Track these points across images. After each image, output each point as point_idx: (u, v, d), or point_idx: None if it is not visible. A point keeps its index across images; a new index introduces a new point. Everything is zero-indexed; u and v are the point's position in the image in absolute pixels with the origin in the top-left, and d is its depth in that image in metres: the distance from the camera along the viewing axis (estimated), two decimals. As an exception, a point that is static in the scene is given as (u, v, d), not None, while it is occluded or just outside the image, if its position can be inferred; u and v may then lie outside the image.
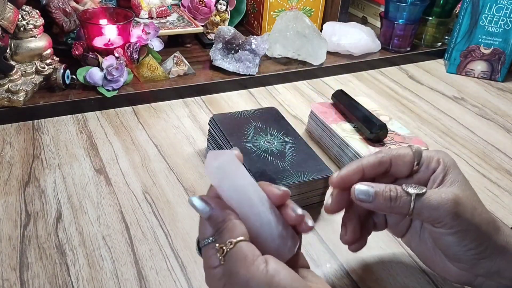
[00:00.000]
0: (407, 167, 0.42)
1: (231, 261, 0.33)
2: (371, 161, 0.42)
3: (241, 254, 0.33)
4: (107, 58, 0.74)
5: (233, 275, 0.33)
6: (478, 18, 0.92)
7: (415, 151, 0.43)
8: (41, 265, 0.46)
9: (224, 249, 0.34)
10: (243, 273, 0.32)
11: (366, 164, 0.42)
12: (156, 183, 0.59)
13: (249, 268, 0.32)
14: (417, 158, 0.42)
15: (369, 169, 0.42)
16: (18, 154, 0.62)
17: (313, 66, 0.90)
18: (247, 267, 0.32)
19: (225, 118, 0.61)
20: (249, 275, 0.32)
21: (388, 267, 0.49)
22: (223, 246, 0.34)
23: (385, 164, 0.43)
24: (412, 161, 0.42)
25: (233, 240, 0.34)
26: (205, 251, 0.36)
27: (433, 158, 0.42)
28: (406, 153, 0.43)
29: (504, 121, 0.81)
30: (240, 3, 1.02)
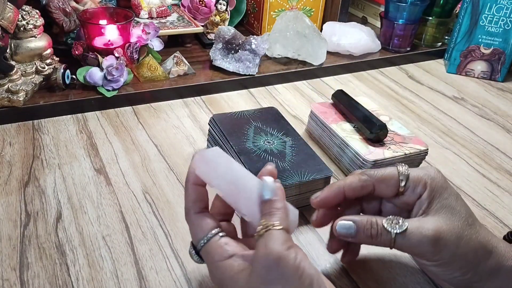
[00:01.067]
0: (392, 190, 0.42)
1: (269, 238, 0.35)
2: (353, 185, 0.43)
3: (281, 236, 0.35)
4: (107, 58, 0.74)
5: (267, 250, 0.34)
6: (478, 18, 0.92)
7: (401, 173, 0.42)
8: (41, 265, 0.46)
9: (268, 225, 0.35)
10: (277, 250, 0.34)
11: (348, 187, 0.43)
12: (156, 183, 0.59)
13: (283, 250, 0.34)
14: (403, 179, 0.42)
15: (351, 192, 0.43)
16: (18, 154, 0.62)
17: (313, 66, 0.90)
18: (282, 248, 0.34)
19: (225, 118, 0.61)
20: (281, 254, 0.33)
21: (388, 267, 0.49)
22: (268, 223, 0.35)
23: (368, 188, 0.43)
24: (397, 184, 0.42)
25: (279, 224, 0.35)
26: (209, 247, 0.37)
27: (420, 181, 0.42)
28: (391, 176, 0.42)
29: (504, 121, 0.81)
30: (240, 3, 1.02)
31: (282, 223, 0.36)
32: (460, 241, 0.39)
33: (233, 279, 0.36)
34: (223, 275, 0.36)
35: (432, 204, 0.41)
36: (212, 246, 0.37)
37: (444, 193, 0.41)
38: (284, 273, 0.33)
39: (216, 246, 0.37)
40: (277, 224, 0.35)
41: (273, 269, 0.33)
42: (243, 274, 0.35)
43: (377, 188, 0.43)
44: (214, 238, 0.38)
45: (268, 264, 0.34)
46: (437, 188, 0.41)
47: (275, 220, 0.36)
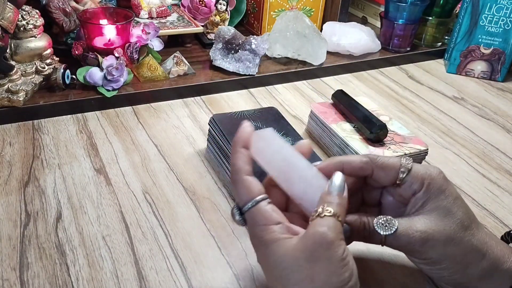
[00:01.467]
0: (389, 180, 0.42)
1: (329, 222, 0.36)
2: (353, 164, 0.43)
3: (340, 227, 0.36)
4: (107, 58, 0.74)
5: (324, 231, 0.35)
6: (478, 18, 0.92)
7: (403, 165, 0.42)
8: (41, 265, 0.46)
9: (332, 213, 0.36)
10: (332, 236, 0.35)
11: (348, 164, 0.43)
12: (156, 183, 0.59)
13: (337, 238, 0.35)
14: (404, 172, 0.42)
15: (349, 170, 0.43)
16: (18, 154, 0.62)
17: (313, 66, 0.90)
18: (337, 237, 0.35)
19: (225, 118, 0.61)
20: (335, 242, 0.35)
21: (388, 267, 0.49)
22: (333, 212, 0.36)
23: (366, 171, 0.43)
24: (396, 175, 0.42)
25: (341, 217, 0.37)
26: (257, 210, 0.38)
27: (418, 178, 0.41)
28: (392, 166, 0.42)
29: (504, 121, 0.81)
30: (240, 3, 1.02)
31: (342, 217, 0.37)
32: (449, 243, 0.39)
33: (277, 244, 0.36)
34: (266, 238, 0.37)
35: (426, 203, 0.41)
36: (259, 210, 0.38)
37: (441, 195, 0.41)
38: (331, 258, 0.34)
39: (263, 210, 0.37)
40: (338, 214, 0.36)
41: (322, 249, 0.34)
42: (288, 242, 0.36)
43: (375, 174, 0.43)
44: (262, 202, 0.38)
45: (320, 242, 0.34)
46: (434, 189, 0.41)
47: (336, 210, 0.36)
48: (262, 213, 0.37)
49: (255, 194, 0.38)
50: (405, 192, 0.42)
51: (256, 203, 0.38)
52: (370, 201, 0.46)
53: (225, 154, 0.59)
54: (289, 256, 0.35)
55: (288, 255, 0.35)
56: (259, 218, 0.37)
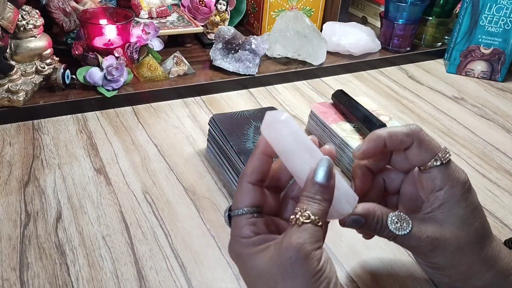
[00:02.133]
0: (419, 160, 0.40)
1: (306, 232, 0.34)
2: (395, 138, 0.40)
3: (318, 234, 0.34)
4: (107, 58, 0.74)
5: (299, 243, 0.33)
6: (478, 18, 0.92)
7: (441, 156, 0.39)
8: (41, 265, 0.46)
9: (310, 219, 0.34)
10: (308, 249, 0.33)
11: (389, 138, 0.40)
12: (156, 183, 0.59)
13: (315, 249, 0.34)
14: (437, 161, 0.39)
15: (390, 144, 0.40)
16: (18, 154, 0.62)
17: (313, 66, 0.90)
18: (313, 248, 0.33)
19: (225, 118, 0.61)
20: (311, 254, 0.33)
21: (388, 267, 0.49)
22: (311, 217, 0.34)
23: (406, 144, 0.40)
24: (427, 160, 0.39)
25: (320, 220, 0.34)
26: (238, 220, 0.37)
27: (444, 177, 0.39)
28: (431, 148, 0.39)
29: (504, 121, 0.81)
30: (240, 3, 1.02)
31: (322, 219, 0.35)
32: (458, 253, 0.39)
33: (251, 258, 0.35)
34: (240, 251, 0.36)
35: (444, 207, 0.39)
36: (240, 220, 0.37)
37: (461, 202, 0.39)
38: (306, 272, 0.33)
39: (243, 222, 0.37)
40: (317, 220, 0.34)
41: (297, 265, 0.33)
42: (262, 257, 0.35)
43: (411, 149, 0.40)
44: (246, 215, 0.37)
45: (294, 257, 0.33)
46: (456, 194, 0.39)
47: (316, 211, 0.35)
48: (239, 225, 0.37)
49: (245, 204, 0.37)
50: (426, 183, 0.40)
51: (241, 213, 0.37)
52: (390, 188, 0.45)
53: (225, 154, 0.59)
54: (265, 272, 0.35)
55: (264, 270, 0.35)
56: (236, 229, 0.37)
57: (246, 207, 0.37)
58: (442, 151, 0.40)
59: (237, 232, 0.37)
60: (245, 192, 0.38)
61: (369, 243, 0.52)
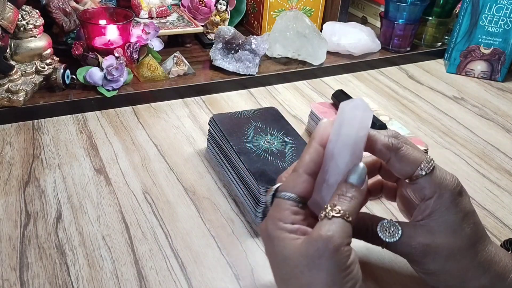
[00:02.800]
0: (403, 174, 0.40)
1: (336, 225, 0.34)
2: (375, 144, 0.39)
3: (348, 230, 0.35)
4: (107, 58, 0.74)
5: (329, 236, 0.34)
6: (478, 18, 0.92)
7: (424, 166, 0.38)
8: (41, 265, 0.46)
9: (341, 212, 0.35)
10: (338, 241, 0.33)
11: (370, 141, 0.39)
12: (156, 183, 0.59)
13: (344, 243, 0.34)
14: (421, 172, 0.38)
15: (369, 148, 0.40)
16: (18, 154, 0.62)
17: (313, 66, 0.90)
18: (343, 241, 0.34)
19: (225, 118, 0.61)
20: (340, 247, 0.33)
21: (388, 267, 0.49)
22: (342, 211, 0.35)
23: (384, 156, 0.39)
24: (411, 172, 0.39)
25: (350, 216, 0.35)
26: (281, 203, 0.37)
27: (432, 185, 0.38)
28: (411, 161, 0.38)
29: (504, 121, 0.81)
30: (240, 3, 1.02)
31: (352, 216, 0.35)
32: (451, 259, 0.38)
33: (282, 244, 0.35)
34: (275, 233, 0.36)
35: (434, 214, 0.39)
36: (284, 204, 0.37)
37: (452, 209, 0.38)
38: (333, 266, 0.33)
39: (287, 207, 0.37)
40: (348, 214, 0.35)
41: (325, 257, 0.33)
42: (293, 243, 0.35)
43: (391, 162, 0.39)
44: (291, 201, 0.37)
45: (323, 249, 0.33)
46: (446, 202, 0.38)
47: (347, 208, 0.35)
48: (281, 208, 0.37)
49: (294, 190, 0.37)
50: (415, 193, 0.40)
51: (287, 198, 0.37)
52: (387, 189, 0.45)
53: (225, 154, 0.59)
54: (291, 260, 0.35)
55: (290, 259, 0.35)
56: (276, 210, 0.37)
57: (295, 194, 0.37)
58: (425, 161, 0.39)
59: (277, 213, 0.37)
60: (300, 180, 0.37)
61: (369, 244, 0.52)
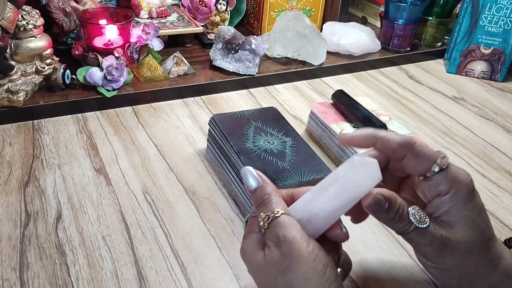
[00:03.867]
0: (419, 171, 0.39)
1: (277, 227, 0.36)
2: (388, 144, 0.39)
3: (288, 221, 0.36)
4: (107, 58, 0.74)
5: (279, 239, 0.35)
6: (478, 18, 0.92)
7: (439, 162, 0.38)
8: (41, 265, 0.46)
9: (269, 216, 0.36)
10: (289, 237, 0.35)
11: (382, 142, 0.40)
12: (156, 183, 0.59)
13: (295, 234, 0.35)
14: (436, 169, 0.38)
15: (381, 148, 0.40)
16: (18, 154, 0.62)
17: (313, 66, 0.90)
18: (293, 233, 0.35)
19: (225, 118, 0.61)
20: (295, 240, 0.35)
21: (388, 267, 0.49)
22: (269, 214, 0.36)
23: (399, 154, 0.40)
24: (427, 168, 0.39)
25: (279, 211, 0.36)
26: (251, 220, 0.39)
27: (448, 181, 0.38)
28: (427, 157, 0.39)
29: (504, 121, 0.81)
30: (240, 3, 1.02)
31: (279, 207, 0.36)
32: (468, 255, 0.39)
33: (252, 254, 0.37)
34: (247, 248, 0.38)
35: (452, 210, 0.39)
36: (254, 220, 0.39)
37: (468, 204, 0.39)
38: (299, 257, 0.34)
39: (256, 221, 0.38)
40: (276, 211, 0.36)
41: (289, 255, 0.34)
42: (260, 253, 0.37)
43: (407, 160, 0.39)
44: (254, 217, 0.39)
45: (284, 251, 0.34)
46: (462, 197, 0.38)
47: (272, 208, 0.37)
48: (251, 223, 0.39)
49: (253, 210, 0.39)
50: (429, 190, 0.40)
51: (255, 215, 0.39)
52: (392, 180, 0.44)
53: (225, 154, 0.59)
54: (263, 272, 0.36)
55: (263, 271, 0.36)
56: (249, 227, 0.39)
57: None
58: (440, 158, 0.39)
59: (248, 229, 0.39)
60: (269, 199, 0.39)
61: (369, 243, 0.52)
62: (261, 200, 0.38)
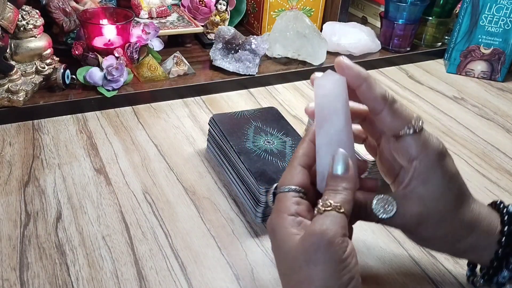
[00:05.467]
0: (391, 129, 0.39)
1: (329, 218, 0.35)
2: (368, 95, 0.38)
3: (341, 221, 0.35)
4: (107, 58, 0.74)
5: (323, 230, 0.34)
6: (478, 18, 0.92)
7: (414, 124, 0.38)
8: (41, 265, 0.46)
9: (332, 206, 0.35)
10: (332, 234, 0.34)
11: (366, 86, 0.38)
12: (156, 183, 0.59)
13: (338, 236, 0.34)
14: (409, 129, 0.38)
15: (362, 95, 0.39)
16: (18, 154, 0.62)
17: (313, 66, 0.90)
18: (337, 234, 0.34)
19: (225, 118, 0.62)
20: (335, 240, 0.34)
21: (388, 267, 0.49)
22: (332, 203, 0.36)
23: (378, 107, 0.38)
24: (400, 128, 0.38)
25: (342, 207, 0.36)
26: (283, 197, 0.38)
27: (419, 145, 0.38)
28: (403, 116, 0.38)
29: (504, 121, 0.81)
30: (240, 3, 1.02)
31: (345, 207, 0.36)
32: (441, 223, 0.39)
33: (283, 238, 0.36)
34: (275, 227, 0.37)
35: (420, 176, 0.38)
36: (286, 197, 0.38)
37: (437, 171, 0.38)
38: (329, 260, 0.34)
39: (288, 198, 0.38)
40: (339, 206, 0.35)
41: (320, 251, 0.34)
42: (292, 239, 0.36)
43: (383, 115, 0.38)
44: (292, 192, 0.38)
45: (318, 243, 0.34)
46: (432, 163, 0.38)
47: (338, 200, 0.36)
48: (284, 201, 0.38)
49: (292, 182, 0.38)
50: (400, 152, 0.39)
51: (287, 191, 0.38)
52: (369, 144, 0.45)
53: (225, 154, 0.59)
54: (290, 255, 0.35)
55: (290, 254, 0.35)
56: (279, 204, 0.38)
57: (294, 185, 0.38)
58: (415, 119, 0.38)
59: (280, 206, 0.38)
60: (295, 172, 0.39)
61: (369, 243, 0.52)
62: (336, 188, 0.37)
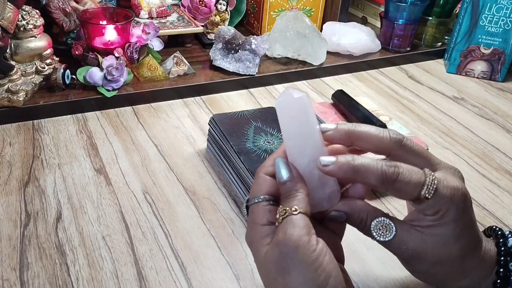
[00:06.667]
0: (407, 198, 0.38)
1: (288, 224, 0.35)
2: (368, 180, 0.36)
3: (301, 222, 0.35)
4: (107, 58, 0.74)
5: (286, 237, 0.34)
6: (478, 18, 0.92)
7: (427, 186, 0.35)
8: (41, 265, 0.46)
9: (287, 211, 0.35)
10: (295, 238, 0.34)
11: (361, 176, 0.36)
12: (156, 183, 0.59)
13: (302, 237, 0.34)
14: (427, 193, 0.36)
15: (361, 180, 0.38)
16: (18, 154, 0.62)
17: (313, 66, 0.90)
18: (301, 236, 0.34)
19: (225, 118, 0.61)
20: (300, 243, 0.34)
21: (388, 267, 0.49)
22: (287, 209, 0.36)
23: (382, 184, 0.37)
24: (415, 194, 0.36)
25: (297, 208, 0.35)
26: (255, 208, 0.38)
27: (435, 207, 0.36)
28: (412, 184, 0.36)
29: (504, 121, 0.81)
30: (240, 3, 1.02)
31: (300, 206, 0.35)
32: (437, 265, 0.38)
33: (258, 248, 0.36)
34: (253, 239, 0.37)
35: (432, 229, 0.37)
36: (258, 207, 0.38)
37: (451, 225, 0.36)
38: (300, 265, 0.33)
39: (260, 208, 0.38)
40: (294, 209, 0.35)
41: (289, 258, 0.34)
42: (264, 250, 0.36)
43: (391, 192, 0.37)
44: (262, 202, 0.38)
45: (286, 252, 0.34)
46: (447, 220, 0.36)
47: (294, 204, 0.36)
48: (256, 212, 0.38)
49: (260, 192, 0.38)
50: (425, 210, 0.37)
51: (258, 201, 0.38)
52: None
53: (225, 154, 0.59)
54: (265, 268, 0.36)
55: (264, 267, 0.36)
56: (252, 215, 0.38)
57: (262, 195, 0.38)
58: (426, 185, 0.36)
59: (253, 217, 0.38)
60: (262, 182, 0.39)
61: (369, 243, 0.52)
62: (287, 193, 0.37)
